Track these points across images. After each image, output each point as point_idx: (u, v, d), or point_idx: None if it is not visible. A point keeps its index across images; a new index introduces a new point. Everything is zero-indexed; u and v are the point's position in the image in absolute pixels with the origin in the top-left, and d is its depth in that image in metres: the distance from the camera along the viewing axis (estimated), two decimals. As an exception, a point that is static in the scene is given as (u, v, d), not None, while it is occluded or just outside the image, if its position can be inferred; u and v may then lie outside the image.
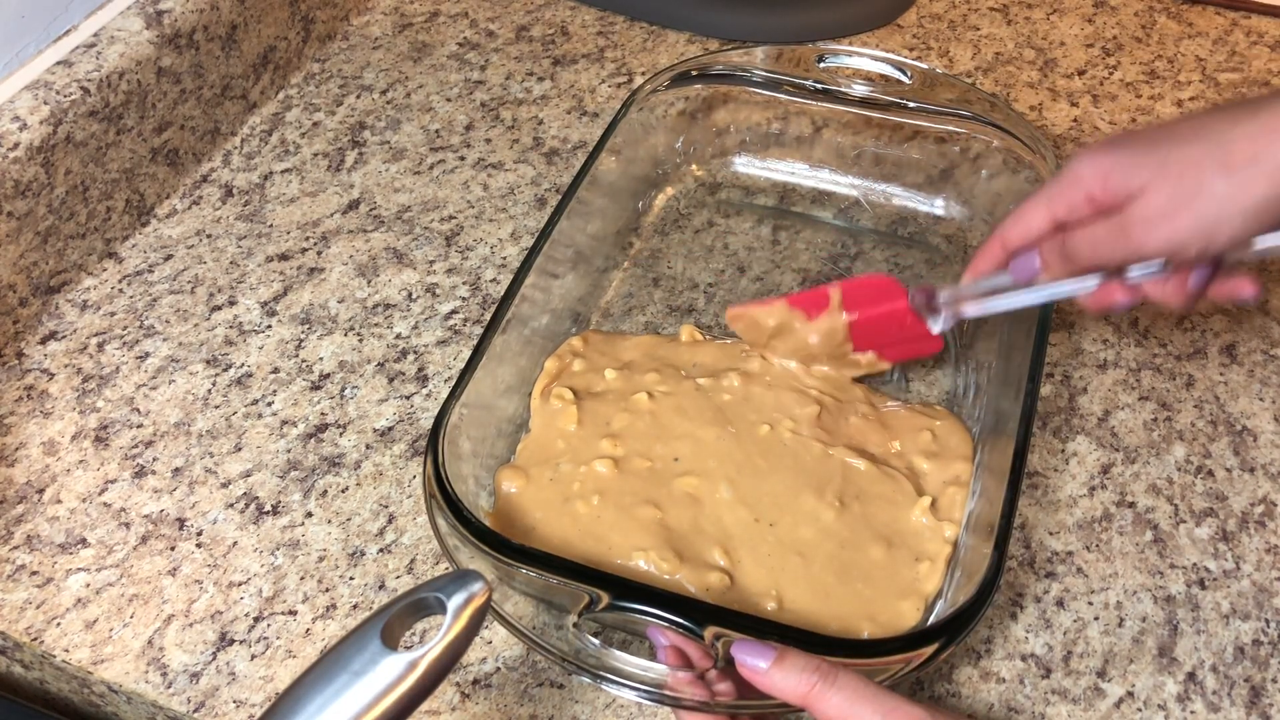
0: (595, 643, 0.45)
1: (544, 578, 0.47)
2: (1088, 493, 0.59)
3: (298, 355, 0.65)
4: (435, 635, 0.38)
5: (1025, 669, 0.52)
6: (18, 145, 0.62)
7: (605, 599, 0.45)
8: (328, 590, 0.55)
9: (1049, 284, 0.53)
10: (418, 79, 0.83)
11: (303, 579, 0.55)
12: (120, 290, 0.68)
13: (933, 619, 0.51)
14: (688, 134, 0.73)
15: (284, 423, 0.61)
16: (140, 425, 0.61)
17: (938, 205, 0.72)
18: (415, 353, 0.65)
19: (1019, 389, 0.53)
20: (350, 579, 0.55)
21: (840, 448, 0.57)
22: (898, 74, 0.67)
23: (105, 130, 0.67)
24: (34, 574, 0.55)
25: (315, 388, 0.63)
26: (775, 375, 0.60)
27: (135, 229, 0.72)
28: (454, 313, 0.67)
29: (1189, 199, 0.47)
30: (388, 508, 0.58)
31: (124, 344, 0.65)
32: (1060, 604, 0.54)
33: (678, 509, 0.54)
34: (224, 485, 0.59)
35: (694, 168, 0.74)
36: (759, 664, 0.42)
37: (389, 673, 0.37)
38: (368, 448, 0.60)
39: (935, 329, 0.58)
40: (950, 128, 0.69)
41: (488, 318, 0.62)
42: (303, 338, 0.66)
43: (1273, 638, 0.53)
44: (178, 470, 0.59)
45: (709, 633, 0.44)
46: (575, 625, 0.45)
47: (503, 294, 0.57)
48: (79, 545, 0.56)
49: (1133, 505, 0.58)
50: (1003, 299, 0.56)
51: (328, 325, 0.66)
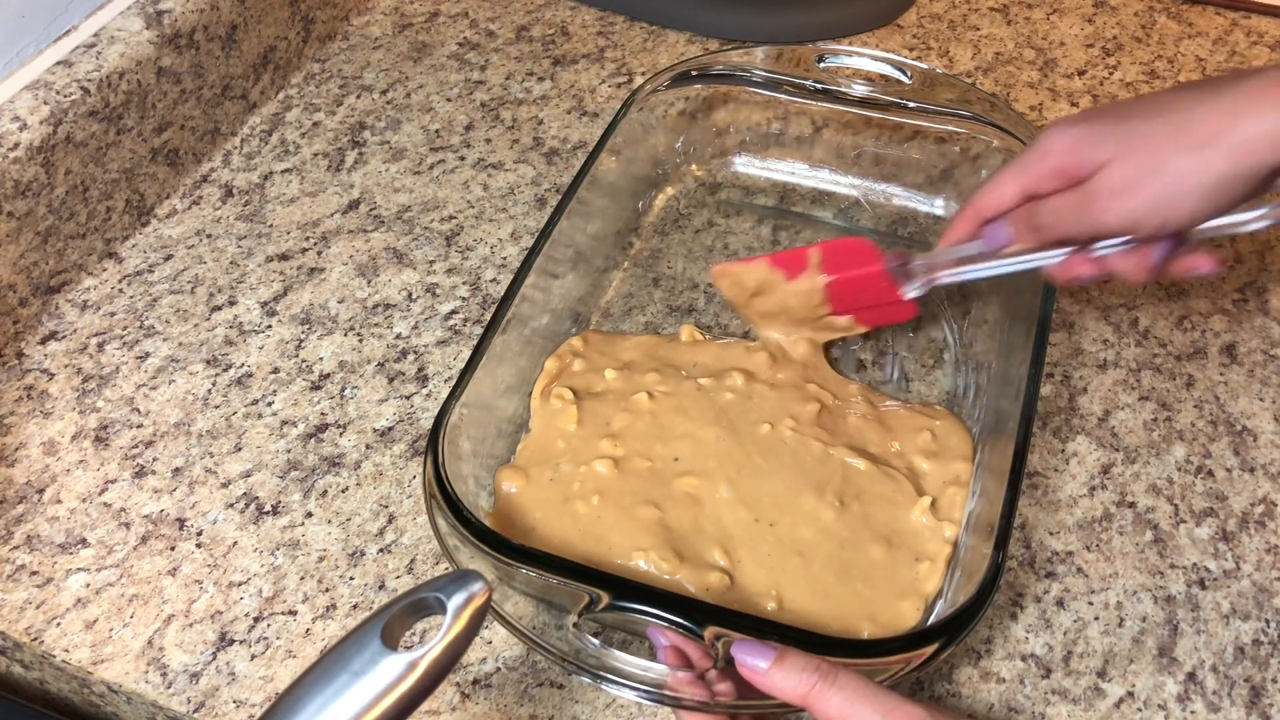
0: (595, 643, 0.45)
1: (544, 578, 0.47)
2: (1088, 493, 0.59)
3: (298, 355, 0.65)
4: (435, 635, 0.38)
5: (1025, 669, 0.52)
6: (18, 145, 0.62)
7: (605, 599, 0.45)
8: (328, 590, 0.55)
9: (1018, 256, 0.55)
10: (418, 79, 0.83)
11: (303, 579, 0.55)
12: (120, 290, 0.68)
13: (933, 619, 0.51)
14: (688, 134, 0.73)
15: (284, 423, 0.61)
16: (140, 425, 0.61)
17: (938, 205, 0.72)
18: (415, 353, 0.65)
19: (1019, 389, 0.53)
20: (350, 579, 0.55)
21: (840, 448, 0.57)
22: (898, 74, 0.67)
23: (105, 130, 0.67)
24: (34, 574, 0.55)
25: (315, 388, 0.63)
26: (776, 375, 0.60)
27: (135, 229, 0.72)
28: (454, 313, 0.67)
29: (1150, 174, 0.48)
30: (388, 508, 0.58)
31: (124, 344, 0.65)
32: (1060, 604, 0.54)
33: (678, 509, 0.54)
34: (224, 485, 0.59)
35: (694, 168, 0.74)
36: (759, 664, 0.42)
37: (389, 673, 0.37)
38: (368, 448, 0.60)
39: (909, 294, 0.60)
40: (950, 128, 0.69)
41: (488, 318, 0.62)
42: (303, 338, 0.66)
43: (1273, 638, 0.53)
44: (178, 470, 0.59)
45: (709, 633, 0.44)
46: (575, 625, 0.45)
47: (503, 294, 0.57)
48: (79, 545, 0.56)
49: (1133, 505, 0.58)
50: (974, 268, 0.57)
51: (328, 325, 0.66)
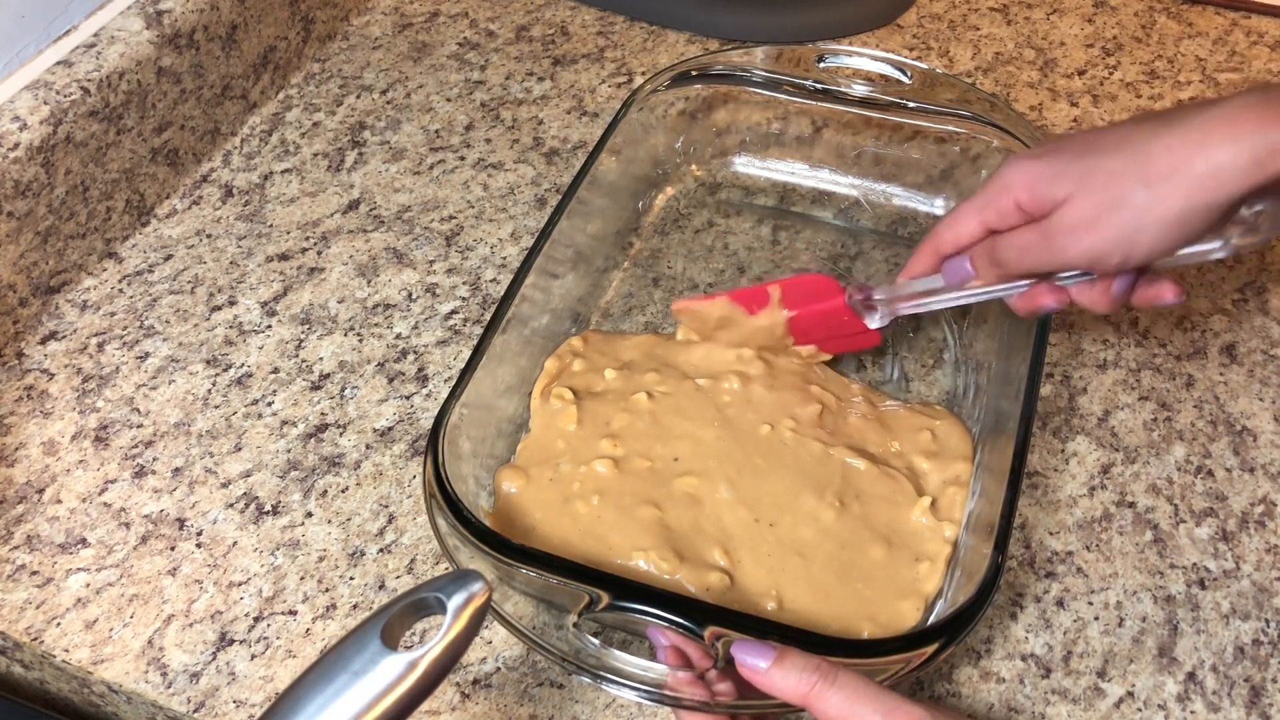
0: (595, 643, 0.45)
1: (544, 578, 0.47)
2: (1088, 493, 0.59)
3: (298, 355, 0.65)
4: (435, 635, 0.38)
5: (1025, 669, 0.52)
6: (18, 145, 0.62)
7: (605, 599, 0.45)
8: (328, 590, 0.55)
9: (982, 288, 0.55)
10: (418, 79, 0.83)
11: (303, 579, 0.55)
12: (120, 290, 0.68)
13: (933, 619, 0.51)
14: (688, 134, 0.73)
15: (284, 423, 0.61)
16: (140, 425, 0.61)
17: (938, 205, 0.72)
18: (415, 353, 0.65)
19: (1019, 389, 0.53)
20: (350, 579, 0.55)
21: (840, 448, 0.56)
22: (898, 74, 0.67)
23: (105, 130, 0.67)
24: (34, 574, 0.55)
25: (315, 388, 0.63)
26: (776, 375, 0.60)
27: (135, 229, 0.72)
28: (454, 313, 0.67)
29: (1110, 209, 0.48)
30: (388, 508, 0.58)
31: (124, 344, 0.65)
32: (1060, 604, 0.54)
33: (678, 509, 0.54)
34: (224, 485, 0.59)
35: (694, 168, 0.74)
36: (759, 664, 0.42)
37: (389, 673, 0.37)
38: (368, 448, 0.60)
39: (872, 325, 0.60)
40: (950, 128, 0.69)
41: (488, 318, 0.62)
42: (303, 338, 0.66)
43: (1273, 638, 0.53)
44: (178, 470, 0.59)
45: (709, 633, 0.44)
46: (575, 625, 0.45)
47: (503, 294, 0.57)
48: (79, 545, 0.56)
49: (1133, 505, 0.58)
50: (936, 299, 0.58)
51: (328, 325, 0.66)
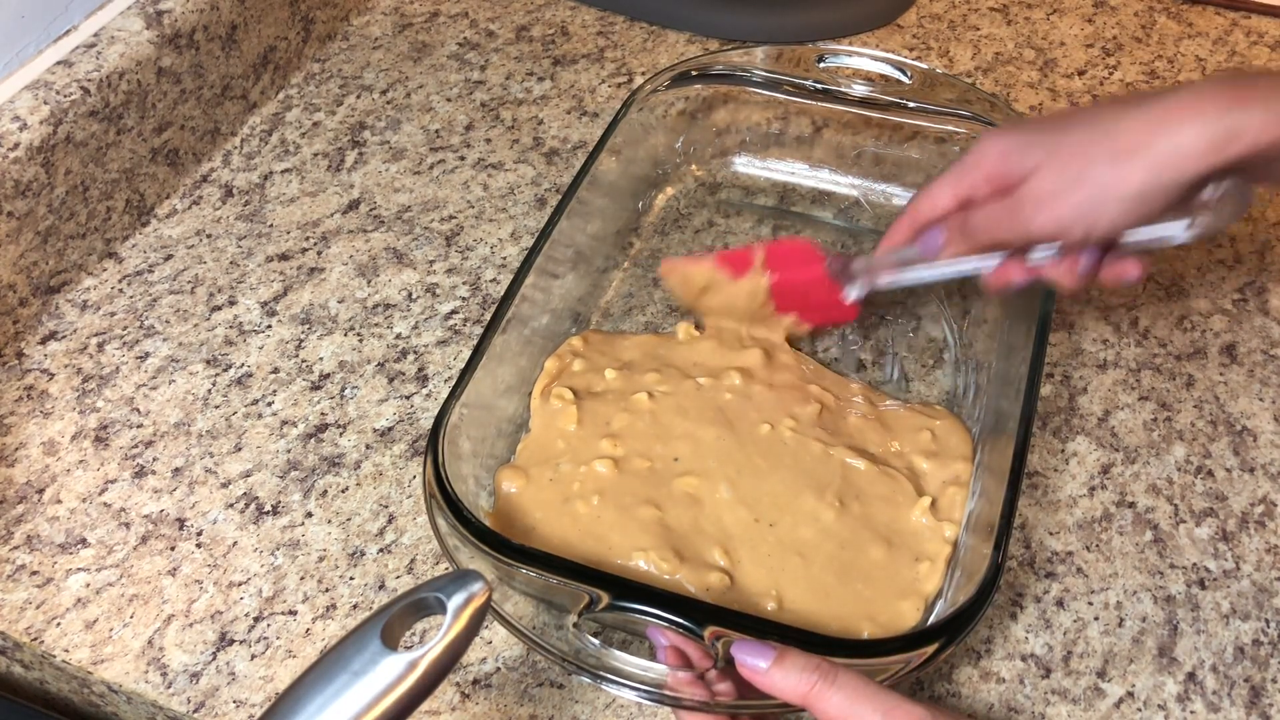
0: (595, 643, 0.45)
1: (544, 578, 0.47)
2: (1088, 493, 0.59)
3: (298, 355, 0.65)
4: (435, 635, 0.38)
5: (1025, 669, 0.52)
6: (18, 145, 0.62)
7: (605, 599, 0.45)
8: (328, 590, 0.55)
9: (954, 260, 0.57)
10: (418, 79, 0.83)
11: (303, 579, 0.55)
12: (120, 290, 0.68)
13: (933, 619, 0.51)
14: (688, 134, 0.73)
15: (284, 423, 0.61)
16: (140, 425, 0.61)
17: (938, 205, 0.72)
18: (415, 353, 0.65)
19: (1019, 389, 0.53)
20: (350, 579, 0.55)
21: (840, 448, 0.57)
22: (898, 74, 0.67)
23: (105, 130, 0.67)
24: (34, 574, 0.55)
25: (315, 388, 0.63)
26: (776, 375, 0.60)
27: (135, 229, 0.72)
28: (454, 313, 0.67)
29: (1074, 183, 0.49)
30: (388, 508, 0.58)
31: (124, 344, 0.65)
32: (1060, 604, 0.54)
33: (678, 509, 0.54)
34: (224, 485, 0.59)
35: (694, 168, 0.74)
36: (759, 664, 0.42)
37: (389, 673, 0.37)
38: (368, 448, 0.60)
39: (850, 296, 0.61)
40: (950, 128, 0.69)
41: (488, 318, 0.62)
42: (303, 338, 0.66)
43: (1273, 638, 0.53)
44: (178, 470, 0.59)
45: (709, 633, 0.44)
46: (575, 625, 0.45)
47: (503, 294, 0.57)
48: (79, 545, 0.56)
49: (1133, 505, 0.58)
50: (911, 272, 0.59)
51: (328, 325, 0.66)
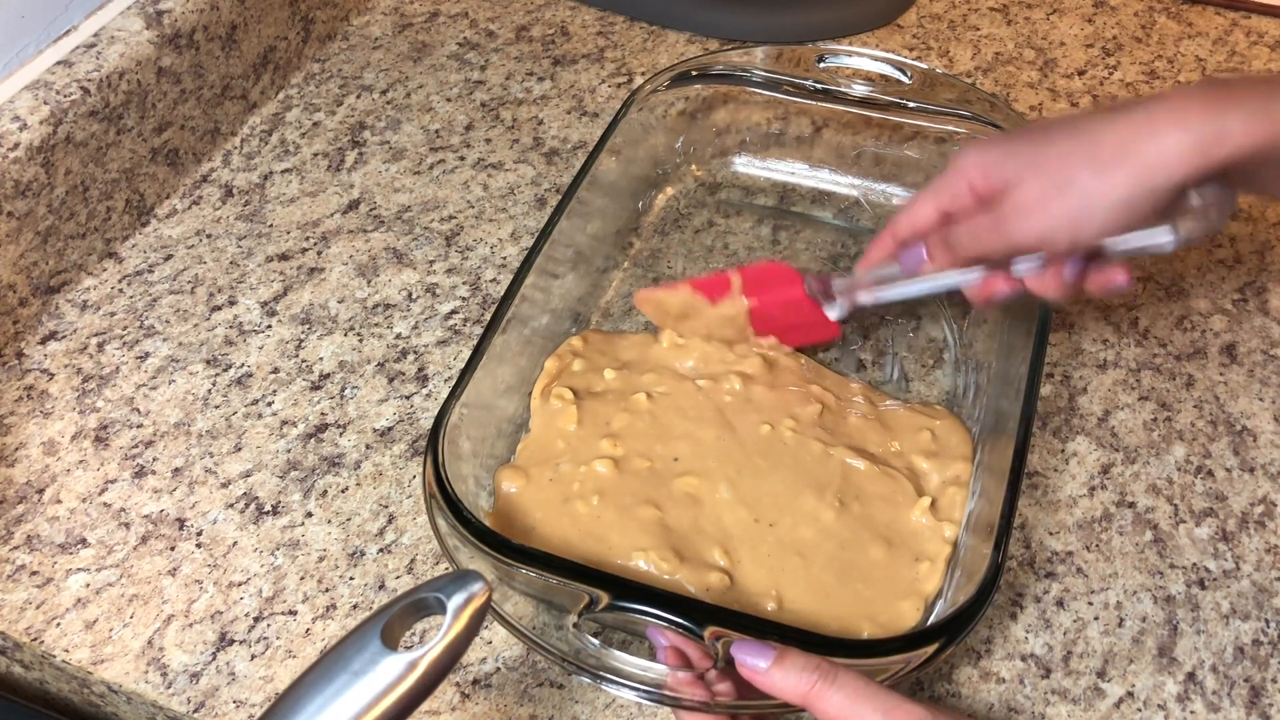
0: (595, 643, 0.45)
1: (544, 578, 0.47)
2: (1088, 493, 0.59)
3: (298, 355, 0.65)
4: (435, 635, 0.38)
5: (1025, 669, 0.52)
6: (18, 145, 0.62)
7: (605, 599, 0.45)
8: (328, 590, 0.55)
9: (937, 274, 0.56)
10: (418, 79, 0.83)
11: (303, 579, 0.55)
12: (120, 290, 0.68)
13: (933, 619, 0.51)
14: (688, 134, 0.73)
15: (284, 423, 0.61)
16: (140, 425, 0.61)
17: (938, 205, 0.72)
18: (415, 353, 0.65)
19: (1019, 389, 0.53)
20: (350, 579, 0.55)
21: (840, 448, 0.56)
22: (898, 74, 0.67)
23: (105, 130, 0.67)
24: (34, 574, 0.55)
25: (315, 388, 0.63)
26: (776, 375, 0.60)
27: (135, 229, 0.72)
28: (454, 313, 0.67)
29: (1058, 191, 0.49)
30: (388, 508, 0.58)
31: (124, 344, 0.65)
32: (1060, 604, 0.54)
33: (678, 509, 0.54)
34: (224, 485, 0.59)
35: (694, 168, 0.74)
36: (759, 664, 0.42)
37: (389, 673, 0.37)
38: (368, 448, 0.60)
39: (832, 315, 0.61)
40: (950, 128, 0.69)
41: (488, 318, 0.62)
42: (303, 338, 0.66)
43: (1273, 638, 0.53)
44: (178, 470, 0.59)
45: (709, 633, 0.44)
46: (575, 625, 0.45)
47: (503, 294, 0.57)
48: (79, 545, 0.56)
49: (1133, 505, 0.58)
50: (893, 288, 0.58)
51: (328, 325, 0.66)
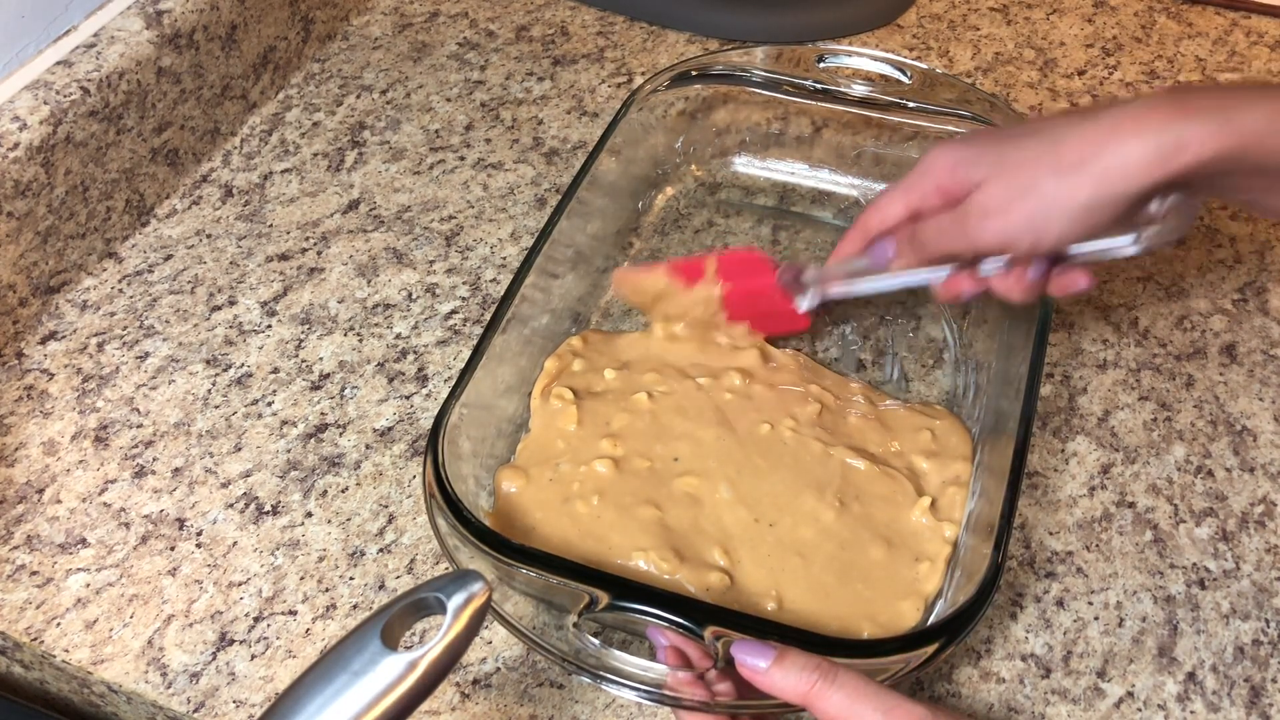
0: (595, 643, 0.45)
1: (544, 578, 0.47)
2: (1088, 493, 0.59)
3: (298, 355, 0.65)
4: (435, 635, 0.38)
5: (1025, 669, 0.52)
6: (18, 145, 0.62)
7: (605, 599, 0.45)
8: (328, 590, 0.55)
9: (905, 271, 0.57)
10: (418, 79, 0.83)
11: (303, 579, 0.55)
12: (120, 290, 0.68)
13: (933, 619, 0.51)
14: (688, 134, 0.73)
15: (284, 423, 0.61)
16: (140, 425, 0.61)
17: (938, 205, 0.72)
18: (415, 353, 0.65)
19: (1019, 389, 0.53)
20: (350, 579, 0.55)
21: (840, 448, 0.56)
22: (898, 74, 0.67)
23: (105, 130, 0.67)
24: (34, 574, 0.55)
25: (315, 388, 0.63)
26: (775, 375, 0.60)
27: (135, 229, 0.72)
28: (454, 313, 0.67)
29: (1021, 195, 0.49)
30: (388, 508, 0.58)
31: (124, 344, 0.65)
32: (1060, 604, 0.54)
33: (678, 509, 0.54)
34: (224, 485, 0.59)
35: (694, 168, 0.74)
36: (759, 663, 0.42)
37: (389, 673, 0.37)
38: (368, 448, 0.60)
39: (801, 307, 0.61)
40: (950, 128, 0.68)
41: (488, 318, 0.62)
42: (303, 338, 0.66)
43: (1273, 638, 0.53)
44: (178, 470, 0.59)
45: (709, 633, 0.44)
46: (575, 625, 0.45)
47: (503, 294, 0.57)
48: (79, 545, 0.56)
49: (1133, 505, 0.58)
50: (862, 282, 0.59)
51: (328, 325, 0.66)
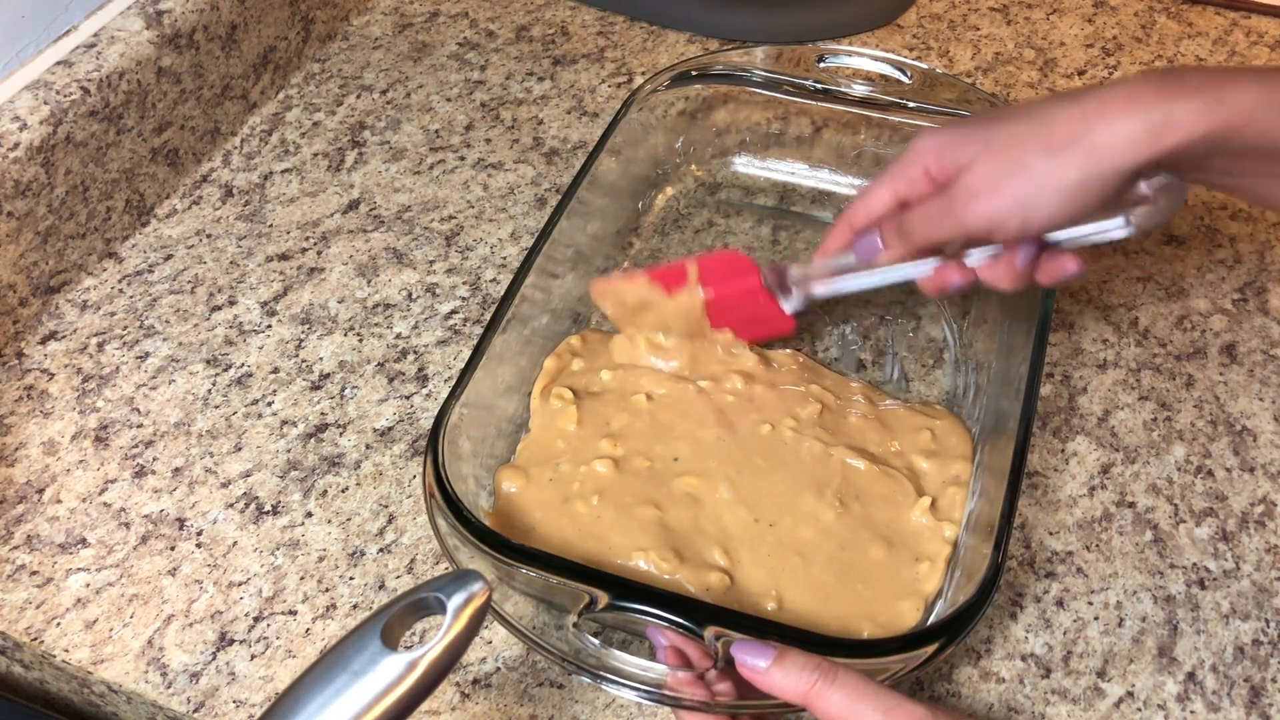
0: (595, 643, 0.45)
1: (544, 578, 0.47)
2: (1088, 493, 0.59)
3: (298, 355, 0.65)
4: (435, 635, 0.38)
5: (1025, 669, 0.52)
6: (18, 145, 0.62)
7: (605, 599, 0.45)
8: (328, 590, 0.55)
9: (892, 266, 0.56)
10: (418, 79, 0.83)
11: (303, 579, 0.55)
12: (120, 290, 0.68)
13: (933, 619, 0.51)
14: (688, 134, 0.73)
15: (284, 423, 0.61)
16: (140, 425, 0.61)
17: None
18: (415, 353, 0.65)
19: (1019, 389, 0.53)
20: (350, 579, 0.55)
21: (840, 447, 0.56)
22: (898, 74, 0.67)
23: (105, 130, 0.67)
24: (34, 574, 0.55)
25: (315, 388, 0.63)
26: (775, 375, 0.60)
27: (135, 229, 0.72)
28: (454, 313, 0.67)
29: (1009, 174, 0.49)
30: (388, 508, 0.58)
31: (124, 344, 0.65)
32: (1060, 604, 0.54)
33: (678, 509, 0.54)
34: (224, 485, 0.59)
35: (694, 168, 0.74)
36: (759, 663, 0.42)
37: (389, 673, 0.37)
38: (368, 448, 0.60)
39: (787, 309, 0.60)
40: (950, 128, 0.69)
41: (488, 318, 0.62)
42: (303, 338, 0.66)
43: (1273, 638, 0.53)
44: (178, 470, 0.59)
45: (709, 633, 0.44)
46: (575, 625, 0.45)
47: (503, 294, 0.57)
48: (79, 545, 0.56)
49: (1133, 505, 0.58)
50: (849, 279, 0.58)
51: (328, 325, 0.66)
